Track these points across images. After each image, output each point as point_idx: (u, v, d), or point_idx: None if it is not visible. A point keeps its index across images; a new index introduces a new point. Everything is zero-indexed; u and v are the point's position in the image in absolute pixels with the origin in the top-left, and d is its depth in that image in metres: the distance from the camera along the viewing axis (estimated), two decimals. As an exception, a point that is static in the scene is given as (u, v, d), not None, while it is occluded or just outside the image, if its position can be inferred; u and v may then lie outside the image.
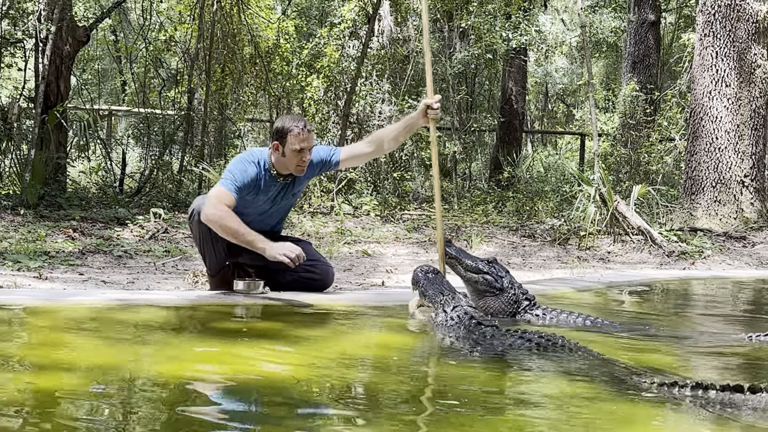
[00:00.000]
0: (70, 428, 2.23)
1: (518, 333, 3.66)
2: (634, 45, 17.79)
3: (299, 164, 5.06)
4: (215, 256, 5.22)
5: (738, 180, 12.23)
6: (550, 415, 2.55)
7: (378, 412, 2.55)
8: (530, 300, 4.69)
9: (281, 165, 5.10)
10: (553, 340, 3.53)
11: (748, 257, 10.09)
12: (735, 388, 2.64)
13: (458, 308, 4.03)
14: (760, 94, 12.46)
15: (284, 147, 5.01)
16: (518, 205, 13.78)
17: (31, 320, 3.86)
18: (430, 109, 4.94)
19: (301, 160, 5.04)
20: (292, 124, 5.02)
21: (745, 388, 2.63)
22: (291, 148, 4.99)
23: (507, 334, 3.70)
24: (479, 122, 19.98)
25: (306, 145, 5.01)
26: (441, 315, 4.06)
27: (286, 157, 5.03)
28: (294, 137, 4.97)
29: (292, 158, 5.02)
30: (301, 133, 4.98)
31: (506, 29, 16.03)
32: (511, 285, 4.67)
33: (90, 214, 9.81)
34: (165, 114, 14.00)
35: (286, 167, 5.10)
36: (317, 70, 14.72)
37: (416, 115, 5.05)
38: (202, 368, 3.06)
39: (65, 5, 10.70)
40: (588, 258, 9.48)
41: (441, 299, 4.13)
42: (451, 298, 4.11)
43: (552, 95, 30.67)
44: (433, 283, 4.29)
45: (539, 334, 3.59)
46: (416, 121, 5.09)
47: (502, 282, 4.65)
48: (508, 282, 4.67)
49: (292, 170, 5.11)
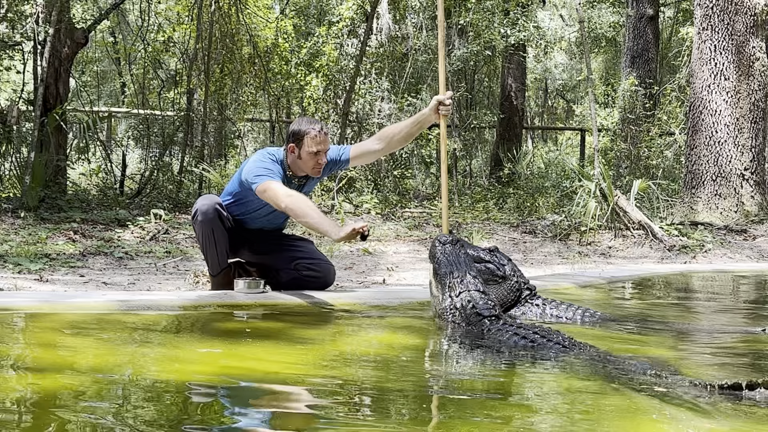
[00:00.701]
0: (73, 430, 2.23)
1: (513, 329, 3.66)
2: (632, 40, 17.78)
3: (315, 167, 5.08)
4: (218, 256, 5.23)
5: (738, 173, 12.22)
6: (552, 413, 2.54)
7: (381, 412, 2.55)
8: (531, 290, 4.70)
9: (297, 167, 5.12)
10: (548, 336, 3.52)
11: (750, 250, 10.08)
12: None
13: (464, 294, 4.01)
14: (759, 87, 12.45)
15: (300, 149, 5.02)
16: (519, 201, 13.77)
17: (32, 323, 3.86)
18: (442, 105, 4.93)
19: (318, 163, 5.06)
20: (309, 126, 5.03)
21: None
22: (308, 150, 5.00)
23: (504, 328, 3.70)
24: (479, 119, 19.98)
25: (322, 147, 5.03)
26: (447, 300, 4.05)
27: (302, 160, 5.05)
28: (311, 140, 4.99)
29: (309, 161, 5.04)
30: (318, 136, 5.00)
31: (505, 25, 16.01)
32: (513, 273, 4.67)
33: (90, 215, 9.81)
34: (164, 115, 14.01)
35: (302, 169, 5.12)
36: (316, 68, 14.73)
37: (427, 111, 5.04)
38: (204, 369, 3.06)
39: (63, 7, 10.70)
40: (589, 253, 9.48)
41: (449, 281, 4.11)
42: (459, 281, 4.09)
43: (551, 91, 30.64)
44: (448, 259, 4.24)
45: (534, 330, 3.59)
46: (428, 117, 5.08)
47: (504, 270, 4.64)
48: (510, 270, 4.66)
49: (308, 172, 5.13)
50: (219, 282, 5.33)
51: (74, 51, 11.32)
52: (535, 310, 4.58)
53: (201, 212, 5.09)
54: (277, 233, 5.51)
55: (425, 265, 8.02)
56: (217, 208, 5.12)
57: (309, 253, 5.33)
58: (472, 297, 3.98)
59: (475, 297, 3.99)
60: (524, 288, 4.67)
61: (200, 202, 5.16)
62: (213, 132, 14.24)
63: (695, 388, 2.72)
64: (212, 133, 14.21)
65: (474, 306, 3.92)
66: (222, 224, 5.14)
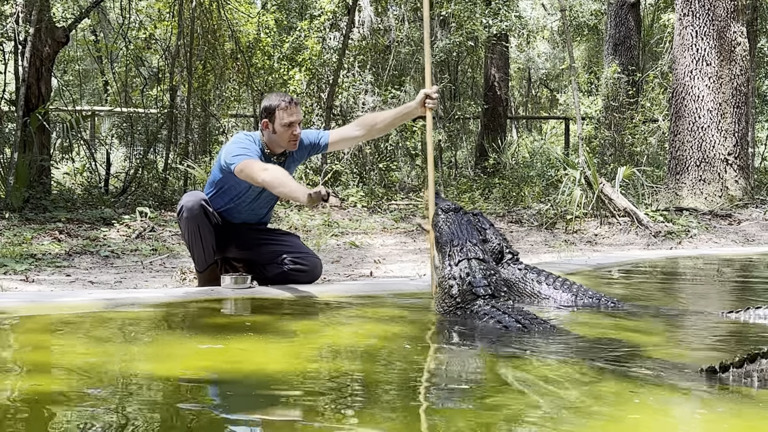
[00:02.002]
0: (62, 430, 2.23)
1: (497, 316, 3.70)
2: (614, 27, 17.83)
3: (291, 139, 5.09)
4: (204, 252, 5.23)
5: (722, 158, 12.28)
6: (541, 400, 2.56)
7: (371, 403, 2.56)
8: (513, 254, 4.79)
9: (273, 143, 5.13)
10: (529, 326, 3.58)
11: (734, 234, 10.14)
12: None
13: (463, 263, 4.04)
14: (740, 71, 12.51)
15: (274, 124, 5.06)
16: (504, 191, 13.80)
17: (19, 323, 3.85)
18: (429, 98, 4.95)
19: (293, 135, 5.08)
20: (278, 99, 5.09)
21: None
22: (281, 122, 5.04)
23: (490, 313, 3.73)
24: (463, 110, 20.01)
25: (295, 119, 5.06)
26: (447, 269, 4.08)
27: (277, 134, 5.07)
28: (282, 111, 5.03)
29: (283, 133, 5.06)
30: (288, 107, 5.05)
31: (486, 16, 16.03)
32: (495, 236, 4.76)
33: (76, 215, 9.78)
34: (148, 112, 13.97)
35: (279, 144, 5.13)
36: (299, 63, 14.71)
37: (414, 104, 5.06)
38: (193, 364, 3.06)
39: (43, 7, 10.64)
40: (575, 241, 9.52)
41: (449, 249, 4.15)
42: (459, 249, 4.12)
43: (535, 80, 30.68)
44: (450, 228, 4.30)
45: (518, 318, 3.63)
46: (414, 110, 5.10)
47: (486, 233, 4.72)
48: (492, 233, 4.75)
49: (285, 146, 5.14)
50: (206, 278, 5.34)
51: (55, 50, 11.27)
52: (516, 274, 4.66)
53: (186, 209, 5.10)
54: (263, 227, 5.51)
55: (412, 256, 8.06)
56: (203, 204, 5.12)
57: (295, 247, 5.34)
58: (471, 267, 4.01)
59: (474, 267, 4.01)
60: (506, 252, 4.76)
61: (185, 199, 5.17)
62: (197, 128, 14.20)
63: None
64: (196, 130, 14.18)
65: (470, 283, 3.95)
66: (208, 220, 5.15)
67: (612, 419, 2.33)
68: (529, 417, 2.37)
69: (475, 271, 4.00)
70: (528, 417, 2.37)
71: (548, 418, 2.35)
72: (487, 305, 3.82)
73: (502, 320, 3.64)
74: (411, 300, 4.70)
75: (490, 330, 3.62)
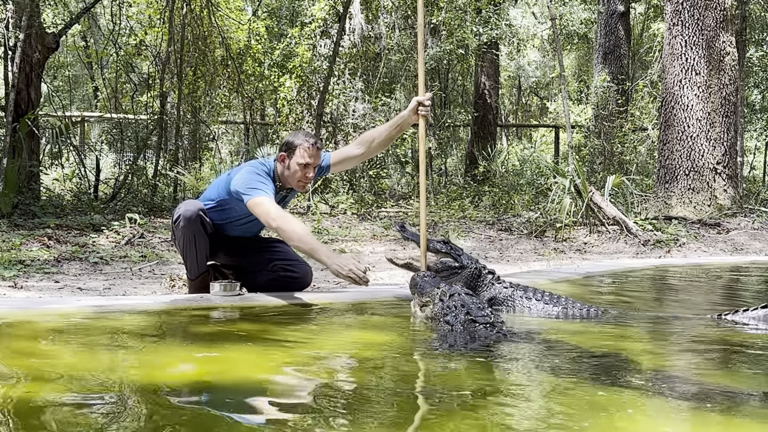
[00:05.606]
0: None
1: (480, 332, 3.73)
2: (604, 36, 17.91)
3: (301, 180, 5.11)
4: (197, 260, 5.24)
5: (711, 167, 12.34)
6: (531, 407, 2.56)
7: (362, 411, 2.56)
8: (493, 273, 4.84)
9: (284, 179, 5.16)
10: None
11: (723, 243, 10.18)
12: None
13: (455, 296, 4.05)
14: (729, 81, 12.57)
15: (291, 159, 5.08)
16: (494, 199, 13.84)
17: (7, 330, 3.83)
18: (421, 106, 4.97)
19: (305, 176, 5.10)
20: (303, 138, 5.11)
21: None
22: (297, 161, 5.05)
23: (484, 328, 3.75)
24: (453, 118, 20.05)
25: (313, 161, 5.08)
26: (438, 305, 4.07)
27: (290, 171, 5.10)
28: (303, 150, 5.05)
29: (297, 172, 5.08)
30: (310, 149, 5.06)
31: (477, 24, 16.08)
32: (470, 260, 4.81)
33: (65, 221, 9.75)
34: (138, 119, 13.95)
35: (288, 182, 5.14)
36: (289, 70, 14.72)
37: (407, 113, 5.07)
38: (182, 372, 3.06)
39: (33, 12, 10.62)
40: (565, 249, 9.53)
41: (437, 292, 4.16)
42: (447, 289, 4.14)
43: (525, 89, 30.78)
44: (430, 282, 4.40)
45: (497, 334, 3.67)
46: (407, 119, 5.11)
47: (462, 260, 4.76)
48: (466, 259, 4.81)
49: (293, 185, 5.16)
50: (196, 285, 5.33)
51: (45, 56, 11.25)
52: (504, 292, 4.71)
53: (185, 218, 5.09)
54: (254, 238, 5.51)
55: (402, 264, 8.04)
56: (201, 215, 5.12)
57: (286, 254, 5.34)
58: (464, 301, 4.01)
59: (466, 300, 4.02)
60: (485, 273, 4.81)
61: (184, 208, 5.16)
62: (187, 135, 14.19)
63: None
64: (186, 136, 14.17)
65: (468, 312, 3.94)
66: (204, 230, 5.15)
67: (604, 429, 2.33)
68: (519, 423, 2.37)
69: (470, 304, 4.03)
70: (518, 426, 2.37)
71: (538, 423, 2.35)
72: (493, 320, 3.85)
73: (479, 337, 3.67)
74: (400, 308, 4.70)
75: (481, 337, 3.63)
